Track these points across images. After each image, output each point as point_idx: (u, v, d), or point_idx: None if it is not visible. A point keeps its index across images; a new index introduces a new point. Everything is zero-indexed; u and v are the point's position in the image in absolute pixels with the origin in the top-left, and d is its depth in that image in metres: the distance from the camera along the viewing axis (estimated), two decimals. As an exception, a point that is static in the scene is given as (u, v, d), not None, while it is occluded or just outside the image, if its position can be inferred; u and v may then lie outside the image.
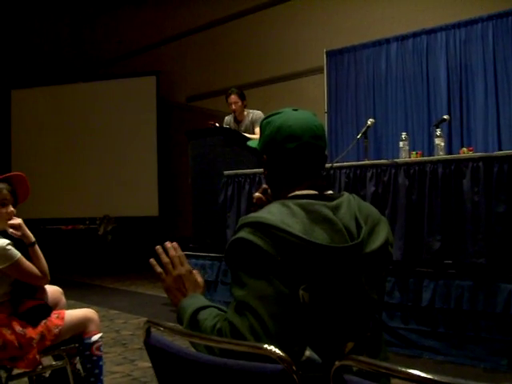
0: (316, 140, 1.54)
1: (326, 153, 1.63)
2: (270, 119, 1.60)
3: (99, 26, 12.55)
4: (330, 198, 1.50)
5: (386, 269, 1.53)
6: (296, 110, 1.60)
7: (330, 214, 1.42)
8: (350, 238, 1.42)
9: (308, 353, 1.35)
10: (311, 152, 1.54)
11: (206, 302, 1.56)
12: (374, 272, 1.46)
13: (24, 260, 2.78)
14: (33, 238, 2.90)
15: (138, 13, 11.75)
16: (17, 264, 2.75)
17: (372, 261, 1.44)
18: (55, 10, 12.33)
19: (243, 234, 1.39)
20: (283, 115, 1.57)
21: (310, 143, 1.53)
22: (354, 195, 1.56)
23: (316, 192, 1.53)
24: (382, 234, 1.49)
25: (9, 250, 2.73)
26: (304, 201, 1.45)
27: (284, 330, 1.34)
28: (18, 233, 2.86)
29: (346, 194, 1.53)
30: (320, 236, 1.37)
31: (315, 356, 1.35)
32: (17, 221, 2.88)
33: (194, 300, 1.58)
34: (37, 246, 2.90)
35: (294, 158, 1.54)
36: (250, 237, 1.37)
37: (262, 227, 1.37)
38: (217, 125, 6.24)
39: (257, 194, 1.84)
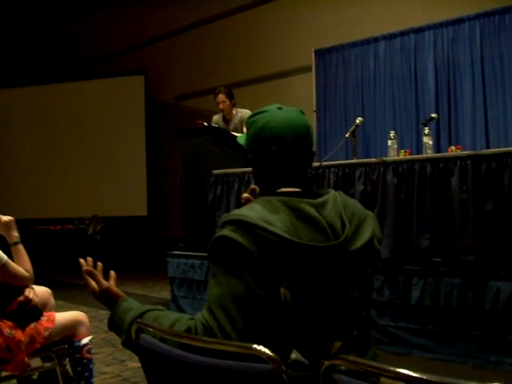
0: (299, 140, 1.54)
1: (315, 152, 1.63)
2: (254, 118, 1.60)
3: (86, 25, 12.50)
4: (315, 196, 1.50)
5: (372, 266, 1.52)
6: (281, 108, 1.59)
7: (313, 212, 1.43)
8: (334, 236, 1.42)
9: (294, 355, 1.36)
10: (294, 153, 1.54)
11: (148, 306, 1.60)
12: (358, 270, 1.46)
13: (10, 262, 2.76)
14: (17, 238, 2.87)
15: (126, 12, 11.70)
16: (4, 267, 2.72)
17: (356, 259, 1.44)
18: (42, 8, 12.26)
19: (226, 231, 1.40)
20: (267, 115, 1.57)
21: (292, 144, 1.53)
22: (340, 192, 1.56)
23: (300, 189, 1.54)
24: (368, 231, 1.49)
25: None
26: (288, 198, 1.46)
27: (255, 332, 1.35)
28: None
29: (331, 192, 1.54)
30: (302, 234, 1.39)
31: (301, 358, 1.36)
32: (10, 217, 2.89)
33: (135, 303, 1.63)
34: (21, 245, 2.87)
35: (277, 159, 1.54)
36: (232, 234, 1.38)
37: (243, 225, 1.38)
38: (205, 124, 6.23)
39: (245, 195, 1.84)
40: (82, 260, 1.80)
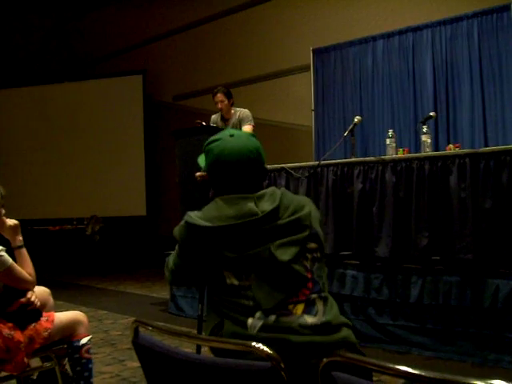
0: (250, 163, 1.84)
1: (312, 150, 1.80)
2: (210, 147, 1.90)
3: (85, 25, 12.49)
4: (255, 192, 1.82)
5: (314, 241, 1.78)
6: (233, 135, 1.87)
7: (249, 204, 1.75)
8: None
9: (258, 314, 1.63)
10: (246, 174, 1.83)
11: None
12: (291, 240, 1.72)
13: (15, 266, 2.76)
14: (21, 242, 2.88)
15: (124, 12, 11.70)
16: (8, 270, 2.72)
17: (283, 231, 1.72)
18: (40, 8, 12.25)
19: (178, 226, 1.86)
20: (221, 144, 1.86)
21: (244, 168, 1.83)
22: (282, 188, 1.87)
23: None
24: (303, 212, 1.78)
25: (1, 256, 2.70)
26: (231, 196, 1.80)
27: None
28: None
29: (271, 188, 1.85)
30: (232, 221, 1.70)
31: (265, 318, 1.62)
32: (15, 221, 2.91)
33: None
34: (24, 249, 2.88)
35: (232, 181, 1.84)
36: (176, 229, 1.86)
37: (186, 224, 1.81)
38: (203, 123, 6.22)
39: (198, 174, 2.23)
40: None
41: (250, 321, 1.62)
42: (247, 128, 6.10)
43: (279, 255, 1.68)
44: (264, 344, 1.23)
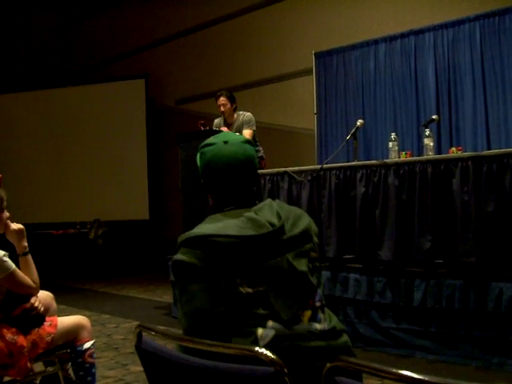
0: (242, 169, 1.85)
1: (315, 154, 1.77)
2: (203, 150, 1.90)
3: (87, 29, 12.52)
4: (254, 205, 1.83)
5: (315, 252, 1.80)
6: (227, 142, 1.87)
7: (252, 214, 1.74)
8: (273, 227, 1.72)
9: (271, 323, 1.59)
10: (238, 180, 1.85)
11: None
12: (301, 251, 1.74)
13: (18, 271, 2.76)
14: (27, 248, 2.88)
15: (127, 16, 11.73)
16: (11, 276, 2.72)
17: (297, 242, 1.74)
18: (42, 12, 12.29)
19: (178, 255, 1.70)
20: (214, 149, 1.86)
21: (235, 174, 1.84)
22: (277, 200, 1.88)
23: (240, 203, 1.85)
24: (303, 223, 1.80)
25: (5, 261, 2.70)
26: (229, 211, 1.80)
27: (211, 324, 1.62)
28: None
29: (268, 200, 1.86)
30: (247, 231, 1.68)
31: (278, 325, 1.60)
32: (21, 226, 2.89)
33: None
34: (29, 256, 2.87)
35: (223, 187, 1.86)
36: (181, 257, 1.68)
37: (193, 241, 1.67)
38: (207, 127, 6.23)
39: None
40: None
41: (260, 331, 1.58)
42: (246, 132, 6.11)
43: (297, 266, 1.70)
44: (274, 352, 1.23)
